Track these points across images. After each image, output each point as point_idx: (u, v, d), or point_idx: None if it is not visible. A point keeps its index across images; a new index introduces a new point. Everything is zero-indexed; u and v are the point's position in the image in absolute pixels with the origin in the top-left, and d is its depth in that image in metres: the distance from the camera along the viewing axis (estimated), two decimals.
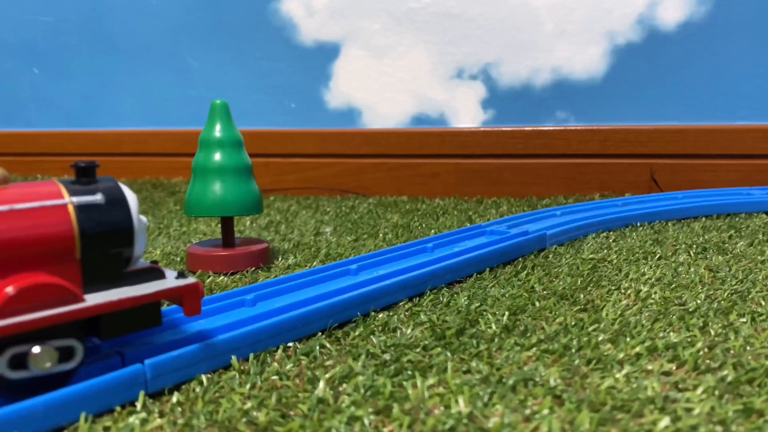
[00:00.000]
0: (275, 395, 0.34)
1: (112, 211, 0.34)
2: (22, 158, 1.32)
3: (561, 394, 0.33)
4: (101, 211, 0.34)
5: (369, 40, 1.10)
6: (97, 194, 0.34)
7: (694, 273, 0.55)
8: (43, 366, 0.31)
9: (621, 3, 0.99)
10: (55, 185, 0.34)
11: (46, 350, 0.31)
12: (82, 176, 0.35)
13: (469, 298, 0.50)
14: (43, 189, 0.33)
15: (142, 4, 1.21)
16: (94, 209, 0.34)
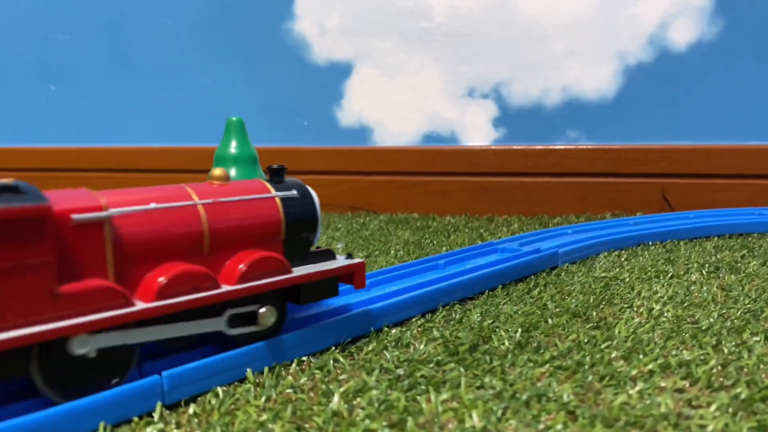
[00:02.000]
0: (290, 408, 0.34)
1: (303, 203, 0.43)
2: (37, 173, 1.34)
3: (574, 410, 0.34)
4: (297, 203, 0.43)
5: (381, 59, 1.12)
6: (293, 190, 0.43)
7: (707, 292, 0.55)
8: (268, 322, 0.39)
9: (632, 23, 1.00)
10: (262, 183, 0.43)
11: (270, 309, 0.40)
12: (275, 176, 0.44)
13: (482, 314, 0.50)
14: (253, 186, 0.42)
15: (157, 23, 1.23)
16: (292, 201, 0.42)
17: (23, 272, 0.30)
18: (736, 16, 0.97)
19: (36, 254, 0.30)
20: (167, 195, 0.37)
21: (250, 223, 0.40)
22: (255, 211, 0.40)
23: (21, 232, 0.30)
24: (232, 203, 0.39)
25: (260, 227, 0.40)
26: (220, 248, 0.38)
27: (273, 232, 0.41)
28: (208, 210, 0.38)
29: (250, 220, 0.40)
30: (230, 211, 0.39)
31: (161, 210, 0.36)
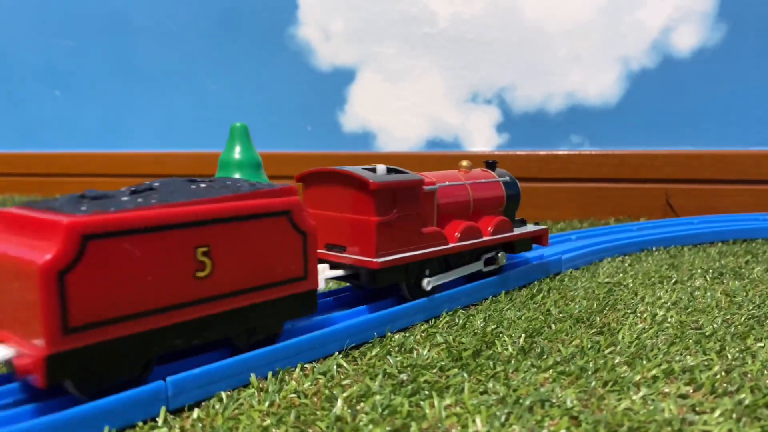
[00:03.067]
0: (294, 413, 0.34)
1: (513, 185, 0.61)
2: (42, 179, 1.35)
3: (578, 415, 0.34)
4: (509, 186, 0.61)
5: (384, 64, 1.12)
6: (506, 177, 0.61)
7: (711, 297, 0.55)
8: (503, 261, 0.58)
9: (635, 29, 1.00)
10: (488, 171, 0.61)
11: (503, 254, 0.58)
12: (488, 167, 0.62)
13: (485, 320, 0.50)
14: (484, 173, 0.60)
15: (161, 29, 1.23)
16: (507, 184, 0.61)
17: (409, 218, 0.49)
18: (739, 21, 0.97)
19: (414, 208, 0.50)
20: (451, 176, 0.56)
21: (489, 197, 0.58)
22: (490, 189, 0.59)
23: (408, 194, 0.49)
24: (479, 184, 0.58)
25: (493, 200, 0.59)
26: (475, 213, 0.57)
27: (499, 204, 0.60)
28: (471, 187, 0.57)
29: (489, 195, 0.58)
30: (479, 188, 0.58)
31: (454, 186, 0.55)
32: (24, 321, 0.30)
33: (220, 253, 0.36)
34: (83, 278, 0.30)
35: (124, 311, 0.32)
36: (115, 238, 0.31)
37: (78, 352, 0.31)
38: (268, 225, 0.38)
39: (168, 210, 0.34)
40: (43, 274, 0.29)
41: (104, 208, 0.32)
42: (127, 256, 0.32)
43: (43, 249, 0.30)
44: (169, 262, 0.34)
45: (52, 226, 0.30)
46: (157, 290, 0.33)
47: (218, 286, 0.36)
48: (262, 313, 0.39)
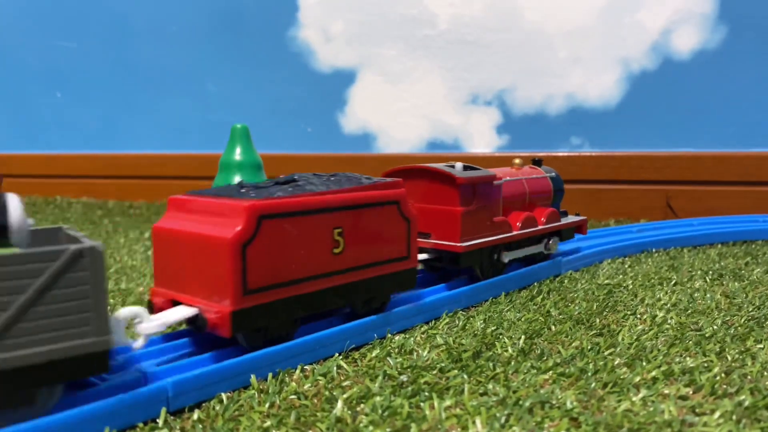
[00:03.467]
0: (294, 414, 0.34)
1: (558, 180, 0.69)
2: (43, 180, 1.35)
3: (578, 417, 0.34)
4: (555, 181, 0.69)
5: (385, 66, 1.12)
6: (552, 173, 0.69)
7: (711, 299, 0.55)
8: (555, 248, 0.66)
9: (635, 31, 1.01)
10: (537, 168, 0.69)
11: (554, 240, 0.65)
12: (536, 164, 0.69)
13: (485, 321, 0.50)
14: (535, 170, 0.68)
15: (162, 31, 1.24)
16: (554, 179, 0.69)
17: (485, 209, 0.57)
18: (739, 23, 0.97)
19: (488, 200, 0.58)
20: (509, 173, 0.64)
21: (540, 190, 0.66)
22: (541, 184, 0.66)
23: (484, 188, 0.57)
24: (532, 179, 0.65)
25: (543, 194, 0.66)
26: (530, 204, 0.65)
27: (548, 197, 0.67)
28: (527, 182, 0.64)
29: (540, 189, 0.66)
30: (533, 183, 0.65)
31: (514, 181, 0.63)
32: (210, 285, 0.38)
33: (349, 234, 0.43)
34: (258, 250, 0.38)
35: (284, 278, 0.40)
36: (280, 218, 0.39)
37: (252, 310, 0.38)
38: (382, 212, 0.46)
39: (316, 197, 0.41)
40: (231, 247, 0.36)
41: (270, 195, 0.40)
42: (287, 234, 0.40)
43: (230, 226, 0.37)
44: (315, 239, 0.41)
45: (236, 209, 0.38)
46: (306, 262, 0.41)
47: (348, 261, 0.44)
48: (377, 285, 0.46)
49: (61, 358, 0.30)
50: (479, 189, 0.56)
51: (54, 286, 0.30)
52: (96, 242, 0.31)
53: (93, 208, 1.18)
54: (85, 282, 0.30)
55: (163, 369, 0.37)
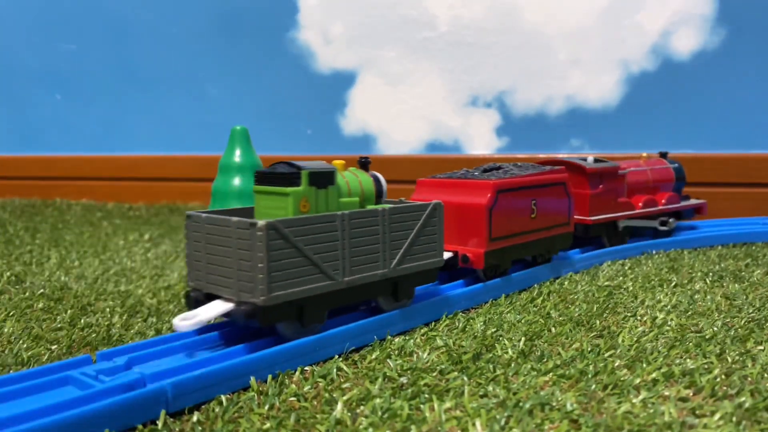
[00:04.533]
0: (294, 416, 0.34)
1: (680, 170, 0.84)
2: (42, 182, 1.35)
3: (578, 419, 0.34)
4: (677, 170, 0.83)
5: (384, 68, 1.12)
6: (675, 164, 0.84)
7: (711, 300, 0.55)
8: (674, 225, 0.79)
9: (635, 32, 1.01)
10: (662, 160, 0.84)
11: (673, 219, 0.80)
12: (662, 157, 0.84)
13: (485, 323, 0.50)
14: (660, 161, 0.83)
15: (162, 33, 1.24)
16: (676, 169, 0.83)
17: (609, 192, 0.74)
18: (739, 25, 0.97)
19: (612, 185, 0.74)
20: (636, 164, 0.80)
21: (663, 178, 0.82)
22: (664, 173, 0.82)
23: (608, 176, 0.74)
24: (656, 169, 0.81)
25: (666, 181, 0.82)
26: (654, 189, 0.80)
27: (670, 184, 0.82)
28: (651, 171, 0.80)
29: (663, 177, 0.82)
30: (656, 172, 0.81)
31: (639, 171, 0.79)
32: (469, 236, 0.57)
33: (540, 205, 0.61)
34: (496, 213, 0.56)
35: (509, 232, 0.58)
36: (508, 192, 0.58)
37: (494, 252, 0.57)
38: (556, 190, 0.63)
39: (524, 179, 0.60)
40: (484, 209, 0.56)
41: (501, 176, 0.59)
42: (509, 203, 0.58)
43: (482, 197, 0.56)
44: (523, 207, 0.60)
45: (485, 185, 0.57)
46: (516, 223, 0.59)
47: (538, 223, 0.61)
48: (552, 242, 0.64)
49: (426, 269, 0.49)
50: (605, 177, 0.73)
51: (427, 224, 0.49)
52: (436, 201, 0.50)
53: (92, 210, 1.18)
54: (437, 223, 0.50)
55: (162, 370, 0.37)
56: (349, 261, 0.43)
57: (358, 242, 0.44)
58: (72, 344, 0.46)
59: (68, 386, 0.36)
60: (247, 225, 0.39)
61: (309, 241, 0.41)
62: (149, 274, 0.68)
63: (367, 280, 0.45)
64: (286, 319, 0.41)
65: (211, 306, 0.40)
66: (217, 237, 0.41)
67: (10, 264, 0.73)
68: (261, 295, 0.38)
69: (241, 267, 0.39)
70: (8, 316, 0.53)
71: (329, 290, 0.43)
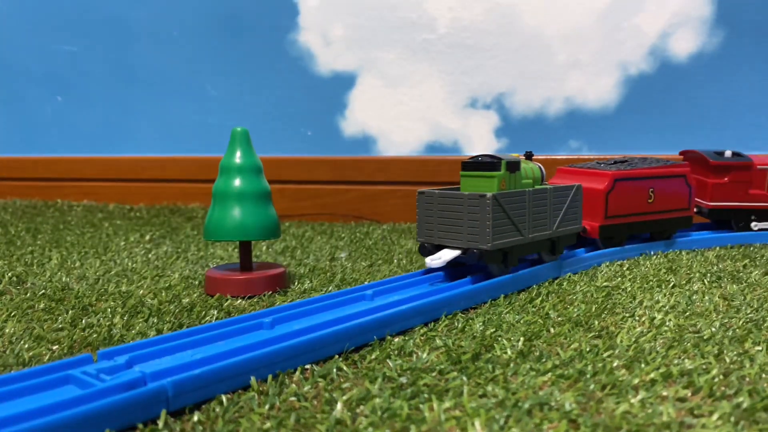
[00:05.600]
0: (294, 416, 0.34)
1: None
2: (43, 183, 1.35)
3: (576, 419, 0.34)
4: None
5: (384, 69, 1.12)
6: None
7: (709, 301, 0.55)
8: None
9: (633, 34, 1.01)
10: None
11: None
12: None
13: (484, 323, 0.50)
14: None
15: (163, 35, 1.24)
16: None
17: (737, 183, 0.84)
18: (737, 27, 0.98)
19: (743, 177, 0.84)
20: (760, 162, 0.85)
21: None
22: None
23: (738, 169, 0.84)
24: None
25: None
26: None
27: None
28: None
29: None
30: None
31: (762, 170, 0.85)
32: (590, 212, 0.73)
33: (657, 192, 0.75)
34: (612, 196, 0.72)
35: (622, 212, 0.73)
36: (624, 181, 0.73)
37: (608, 227, 0.73)
38: (676, 181, 0.77)
39: (642, 171, 0.74)
40: (602, 193, 0.72)
41: (620, 168, 0.74)
42: (626, 189, 0.73)
43: (601, 183, 0.72)
44: (639, 194, 0.74)
45: (605, 175, 0.73)
46: (633, 205, 0.74)
47: (655, 207, 0.76)
48: (669, 223, 0.78)
49: (571, 233, 0.66)
50: (733, 169, 0.83)
51: (573, 201, 0.65)
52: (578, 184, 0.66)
53: (94, 211, 1.19)
54: (578, 200, 0.66)
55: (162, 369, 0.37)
56: (530, 223, 0.60)
57: (536, 211, 0.60)
58: (73, 344, 0.46)
59: (69, 385, 0.36)
60: (477, 197, 0.56)
61: (511, 209, 0.57)
62: (150, 274, 0.68)
63: (540, 238, 0.61)
64: (497, 262, 0.58)
65: (446, 251, 0.57)
66: (448, 206, 0.58)
67: (12, 264, 0.73)
68: (488, 243, 0.56)
69: (471, 225, 0.56)
70: (9, 316, 0.53)
71: (521, 243, 0.59)
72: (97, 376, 0.36)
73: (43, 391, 0.35)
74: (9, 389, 0.35)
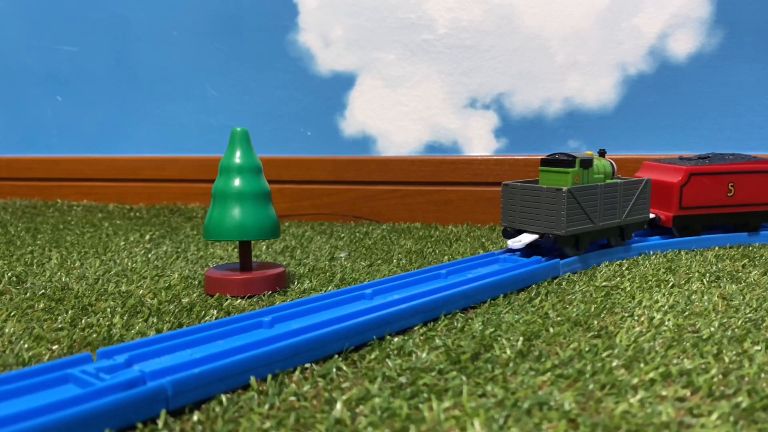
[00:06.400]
0: (293, 416, 0.34)
1: None
2: (43, 183, 1.35)
3: (576, 418, 0.34)
4: None
5: (384, 70, 1.12)
6: None
7: (708, 301, 0.56)
8: None
9: (632, 35, 1.01)
10: None
11: None
12: None
13: (484, 323, 0.50)
14: None
15: (163, 35, 1.24)
16: None
17: None
18: (736, 27, 0.98)
19: None
20: None
21: None
22: None
23: None
24: None
25: None
26: None
27: None
28: None
29: None
30: None
31: None
32: (666, 204, 0.79)
33: (738, 187, 0.80)
34: (687, 189, 0.78)
35: (697, 204, 0.79)
36: (701, 175, 0.79)
37: (682, 217, 0.79)
38: (759, 177, 0.81)
39: (720, 166, 0.80)
40: (677, 186, 0.78)
41: (699, 163, 0.80)
42: (702, 183, 0.79)
43: (676, 177, 0.79)
44: (717, 187, 0.79)
45: (680, 170, 0.79)
46: (710, 198, 0.79)
47: (736, 200, 0.81)
48: (754, 216, 0.82)
49: (639, 222, 0.74)
50: None
51: (642, 193, 0.73)
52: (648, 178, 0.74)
53: (93, 211, 1.19)
54: (647, 192, 0.73)
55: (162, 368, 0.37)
56: (601, 212, 0.68)
57: (606, 202, 0.69)
58: (73, 344, 0.46)
59: (68, 384, 0.36)
60: (554, 190, 0.65)
61: (583, 200, 0.66)
62: (150, 274, 0.68)
63: (609, 225, 0.70)
64: (570, 245, 0.67)
65: (525, 235, 0.67)
66: (529, 197, 0.67)
67: (11, 264, 0.73)
68: (562, 229, 0.65)
69: (548, 214, 0.66)
70: (9, 316, 0.53)
71: (592, 230, 0.68)
72: (97, 375, 0.36)
73: (43, 390, 0.35)
74: (8, 388, 0.35)
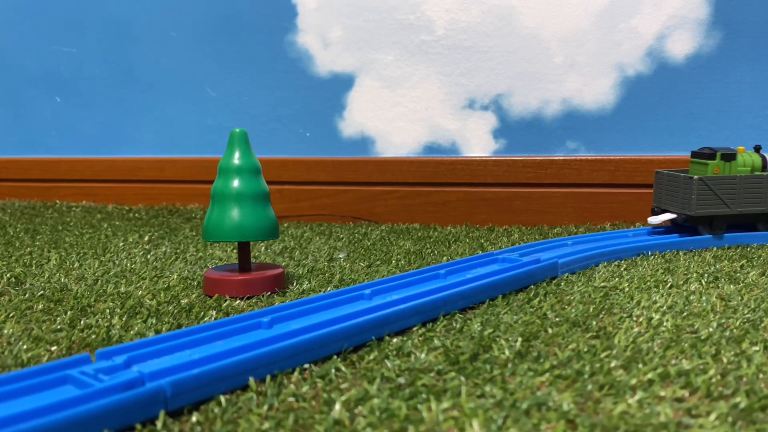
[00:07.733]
0: (292, 416, 0.34)
1: None
2: (42, 184, 1.35)
3: (574, 419, 0.34)
4: None
5: (383, 71, 1.13)
6: None
7: (706, 301, 0.56)
8: None
9: (630, 36, 1.01)
10: None
11: None
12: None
13: (482, 324, 0.50)
14: None
15: (162, 36, 1.24)
16: None
17: None
18: (734, 28, 0.98)
19: None
20: None
21: None
22: None
23: None
24: None
25: None
26: None
27: None
28: None
29: None
30: None
31: None
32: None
33: None
34: None
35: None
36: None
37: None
38: None
39: None
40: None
41: None
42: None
43: None
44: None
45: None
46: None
47: None
48: None
49: None
50: None
51: None
52: None
53: (92, 212, 1.19)
54: None
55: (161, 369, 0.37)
56: (740, 199, 0.79)
57: (748, 191, 0.79)
58: (72, 345, 0.46)
59: (67, 385, 0.36)
60: (689, 178, 0.77)
61: (718, 188, 0.78)
62: (149, 275, 0.68)
63: (752, 212, 0.80)
64: (704, 225, 0.79)
65: (665, 214, 0.80)
66: (672, 183, 0.80)
67: (10, 265, 0.73)
68: (692, 210, 0.77)
69: (683, 197, 0.78)
70: (8, 317, 0.53)
71: (726, 214, 0.79)
72: (96, 376, 0.36)
73: (42, 391, 0.35)
74: (7, 389, 0.35)
